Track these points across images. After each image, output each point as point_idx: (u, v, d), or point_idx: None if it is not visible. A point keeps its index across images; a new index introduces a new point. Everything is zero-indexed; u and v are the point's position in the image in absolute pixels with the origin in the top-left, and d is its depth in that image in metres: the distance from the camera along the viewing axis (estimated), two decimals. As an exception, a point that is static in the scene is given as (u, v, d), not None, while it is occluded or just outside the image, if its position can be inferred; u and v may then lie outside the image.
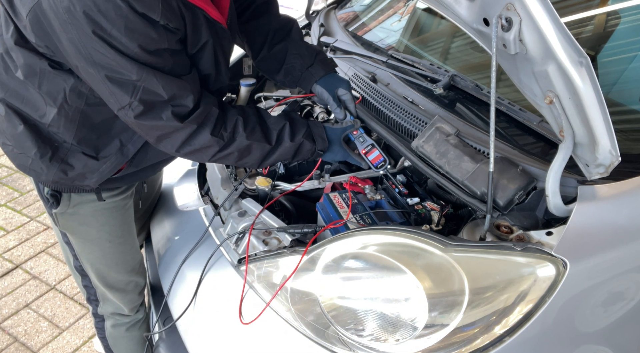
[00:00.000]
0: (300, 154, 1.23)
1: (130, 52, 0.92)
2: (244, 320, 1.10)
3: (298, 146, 1.20)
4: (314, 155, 1.26)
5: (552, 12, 0.79)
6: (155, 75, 0.96)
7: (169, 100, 1.00)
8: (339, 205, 1.28)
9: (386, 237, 1.05)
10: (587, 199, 0.99)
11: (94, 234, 1.34)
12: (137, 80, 0.94)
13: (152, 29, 0.92)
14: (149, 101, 0.99)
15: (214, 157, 1.14)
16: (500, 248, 0.97)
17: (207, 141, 1.09)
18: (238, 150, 1.14)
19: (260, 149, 1.17)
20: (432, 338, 0.92)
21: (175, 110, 1.02)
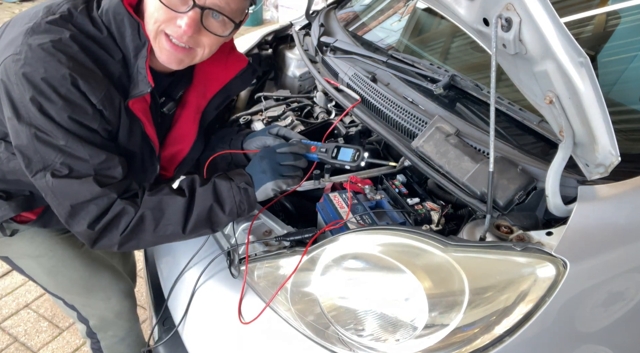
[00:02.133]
0: (223, 196, 1.08)
1: (61, 120, 0.93)
2: (243, 320, 1.10)
3: (213, 187, 1.08)
4: (242, 194, 1.10)
5: (552, 12, 0.79)
6: (82, 144, 0.95)
7: (93, 167, 0.97)
8: (339, 205, 1.28)
9: (386, 237, 1.05)
10: (587, 199, 0.99)
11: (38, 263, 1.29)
12: (63, 145, 0.94)
13: (88, 105, 0.95)
14: (72, 165, 0.96)
15: (125, 231, 1.00)
16: (500, 248, 0.97)
17: (120, 208, 1.00)
18: (150, 209, 1.02)
19: (172, 203, 1.04)
20: (432, 338, 0.92)
21: (98, 178, 0.98)
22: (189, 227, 1.05)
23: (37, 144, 0.94)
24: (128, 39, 1.00)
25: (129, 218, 1.00)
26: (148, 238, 1.04)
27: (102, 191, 0.97)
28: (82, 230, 0.99)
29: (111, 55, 1.00)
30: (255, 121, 1.79)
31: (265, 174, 1.11)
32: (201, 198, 1.06)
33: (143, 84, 1.03)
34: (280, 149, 1.16)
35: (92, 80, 0.95)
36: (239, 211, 1.09)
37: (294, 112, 1.82)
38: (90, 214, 0.98)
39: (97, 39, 0.99)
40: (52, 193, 0.97)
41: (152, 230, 1.02)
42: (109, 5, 0.99)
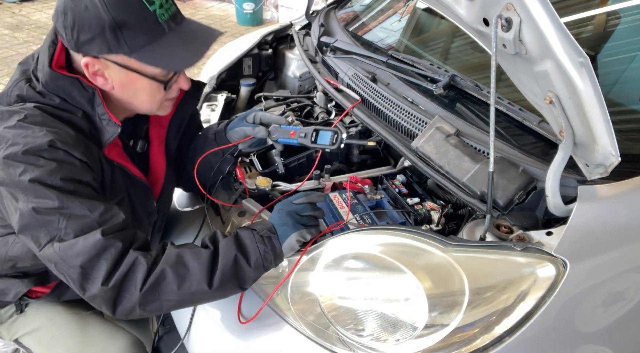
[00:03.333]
0: (247, 247, 1.02)
1: (53, 182, 0.94)
2: (242, 319, 1.10)
3: (235, 237, 1.03)
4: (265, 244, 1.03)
5: (552, 12, 0.79)
6: (79, 200, 0.95)
7: (96, 221, 0.95)
8: (339, 205, 1.28)
9: (386, 237, 1.05)
10: (587, 199, 0.99)
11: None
12: (61, 208, 0.93)
13: (74, 159, 0.97)
14: (76, 225, 0.94)
15: (144, 287, 0.93)
16: (500, 248, 0.97)
17: (133, 259, 0.94)
18: (170, 266, 0.96)
19: (195, 256, 0.98)
20: (432, 338, 0.92)
21: (105, 229, 0.95)
22: (215, 283, 0.97)
23: (38, 217, 0.94)
24: (77, 96, 1.03)
25: (145, 271, 0.94)
26: (172, 298, 0.96)
27: (106, 241, 0.93)
28: (97, 291, 0.93)
29: (73, 114, 1.03)
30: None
31: (288, 227, 1.06)
32: (224, 250, 1.01)
33: (110, 127, 1.05)
34: (297, 200, 1.11)
35: (68, 138, 0.98)
36: (264, 263, 1.02)
37: (294, 112, 1.82)
38: (101, 270, 0.93)
39: (54, 106, 1.02)
40: (62, 259, 0.93)
41: (175, 287, 0.95)
42: (45, 78, 1.01)
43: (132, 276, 0.94)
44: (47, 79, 1.01)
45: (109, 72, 1.02)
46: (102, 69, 1.01)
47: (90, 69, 1.00)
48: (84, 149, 0.99)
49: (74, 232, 0.94)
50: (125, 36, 0.95)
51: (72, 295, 1.27)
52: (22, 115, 0.97)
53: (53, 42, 1.03)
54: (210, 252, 1.00)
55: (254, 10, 6.36)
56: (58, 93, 1.03)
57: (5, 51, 5.29)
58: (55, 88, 1.02)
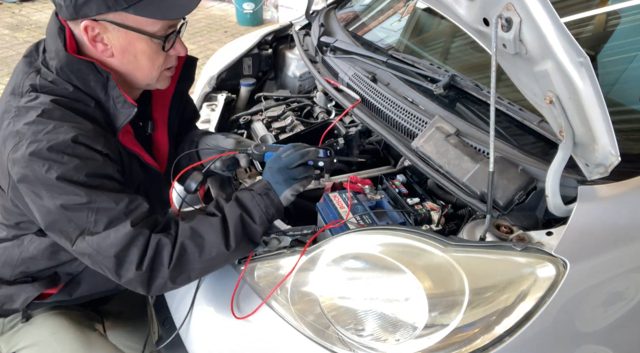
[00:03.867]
0: (248, 206, 1.09)
1: (79, 179, 0.97)
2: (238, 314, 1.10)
3: (236, 200, 1.11)
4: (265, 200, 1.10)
5: (552, 12, 0.79)
6: (105, 194, 0.99)
7: (123, 212, 1.00)
8: (339, 205, 1.28)
9: (386, 237, 1.05)
10: (587, 199, 0.99)
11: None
12: (88, 203, 0.97)
13: (96, 154, 1.00)
14: (104, 218, 0.98)
15: (171, 263, 1.01)
16: (500, 248, 0.97)
17: (157, 241, 1.01)
18: (188, 238, 1.03)
19: (207, 225, 1.06)
20: (432, 338, 0.92)
21: (131, 220, 1.00)
22: (231, 244, 1.05)
23: (67, 213, 0.97)
24: (92, 82, 1.04)
25: (170, 250, 1.01)
26: (197, 266, 1.04)
27: (135, 230, 0.99)
28: (132, 275, 1.00)
29: (87, 104, 1.05)
30: (255, 121, 1.80)
31: (280, 184, 1.13)
32: (230, 213, 1.07)
33: (125, 109, 1.07)
34: (285, 153, 1.17)
35: (88, 132, 1.00)
36: (268, 217, 1.10)
37: (294, 112, 1.83)
38: (134, 257, 0.99)
39: (68, 96, 1.03)
40: (96, 251, 0.99)
41: (197, 256, 1.03)
42: (61, 63, 1.02)
43: (159, 257, 1.01)
44: (63, 64, 1.02)
45: (108, 36, 1.02)
46: (101, 33, 1.01)
47: (90, 33, 1.01)
48: (104, 141, 1.02)
49: (104, 224, 0.99)
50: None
51: (83, 291, 1.27)
52: (39, 111, 0.98)
53: (60, 29, 1.04)
54: (219, 218, 1.07)
55: (254, 10, 6.36)
56: (71, 80, 1.03)
57: (5, 51, 5.29)
58: (70, 74, 1.03)
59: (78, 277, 1.24)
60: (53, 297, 1.25)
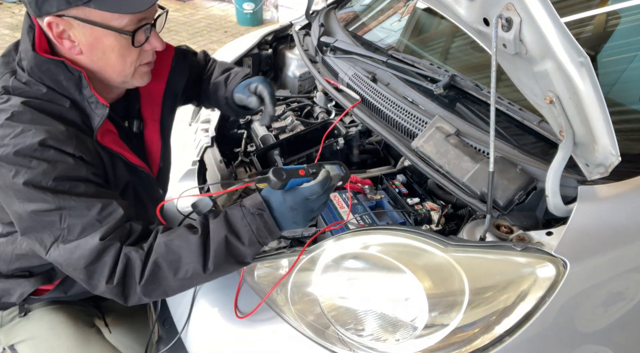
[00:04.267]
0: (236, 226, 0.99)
1: (47, 184, 0.93)
2: (240, 314, 1.10)
3: (225, 217, 1.00)
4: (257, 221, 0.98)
5: (552, 12, 0.79)
6: (75, 199, 0.95)
7: (96, 218, 0.95)
8: (339, 205, 1.28)
9: (386, 237, 1.05)
10: (587, 199, 0.99)
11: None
12: (59, 208, 0.93)
13: (67, 157, 0.95)
14: (76, 225, 0.95)
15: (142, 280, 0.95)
16: (500, 248, 0.97)
17: (127, 256, 0.96)
18: (161, 256, 0.96)
19: (184, 243, 0.97)
20: (432, 338, 0.92)
21: (103, 229, 0.95)
22: (210, 266, 0.97)
23: (39, 219, 0.94)
24: (64, 81, 1.01)
25: (140, 266, 0.96)
26: (172, 284, 0.98)
27: (105, 243, 0.94)
28: (103, 288, 0.96)
29: (61, 105, 1.01)
30: (255, 121, 1.80)
31: (297, 225, 1.01)
32: (215, 233, 0.98)
33: (99, 110, 1.03)
34: (311, 195, 0.99)
35: (59, 134, 0.96)
36: (259, 239, 0.99)
37: (294, 112, 1.82)
38: (104, 271, 0.95)
39: (42, 98, 1.00)
40: (67, 262, 0.96)
41: (172, 275, 0.97)
42: (30, 63, 0.99)
43: (130, 272, 0.96)
44: (32, 64, 0.98)
45: (74, 33, 0.97)
46: (67, 30, 0.97)
47: (55, 30, 0.96)
48: (76, 143, 0.97)
49: (77, 232, 0.95)
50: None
51: (79, 288, 1.26)
52: (8, 114, 0.95)
53: (30, 27, 1.01)
54: (198, 236, 0.98)
55: (254, 10, 6.36)
56: (44, 81, 1.00)
57: (5, 51, 5.28)
58: (41, 74, 0.99)
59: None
60: (49, 294, 1.25)
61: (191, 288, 1.06)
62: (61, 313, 1.28)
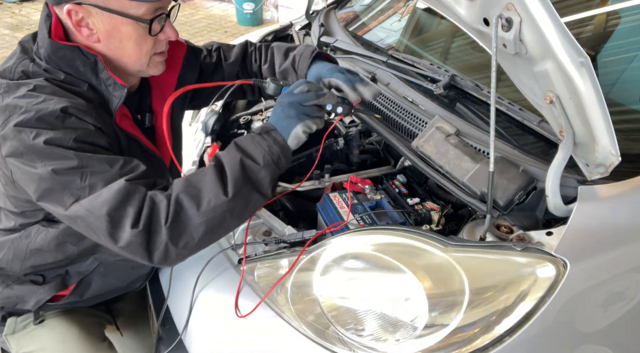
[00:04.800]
0: (248, 148, 1.00)
1: (69, 143, 0.93)
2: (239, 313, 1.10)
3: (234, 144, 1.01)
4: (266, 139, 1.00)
5: (552, 12, 0.79)
6: (96, 158, 0.94)
7: (118, 173, 0.95)
8: (339, 205, 1.28)
9: (386, 237, 1.05)
10: (587, 199, 0.99)
11: None
12: (80, 166, 0.93)
13: (88, 125, 0.97)
14: (97, 180, 0.93)
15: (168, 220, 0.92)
16: (500, 248, 0.97)
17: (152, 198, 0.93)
18: (181, 191, 0.94)
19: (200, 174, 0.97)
20: (432, 338, 0.92)
21: (128, 177, 0.94)
22: (230, 190, 0.94)
23: (60, 178, 0.93)
24: (81, 66, 1.02)
25: (165, 204, 0.92)
26: (196, 221, 0.93)
27: (130, 186, 0.92)
28: (128, 235, 0.91)
29: (79, 87, 1.03)
30: (255, 121, 1.80)
31: (292, 119, 1.02)
32: (228, 158, 0.98)
33: (116, 90, 1.04)
34: (298, 89, 1.06)
35: (80, 105, 0.97)
36: (273, 157, 0.99)
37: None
38: (129, 215, 0.91)
39: (60, 81, 1.01)
40: (88, 211, 0.92)
41: (195, 210, 0.93)
42: (47, 51, 1.01)
43: (156, 214, 0.92)
44: (49, 51, 1.00)
45: (92, 21, 0.99)
46: (85, 18, 0.99)
47: (74, 17, 0.98)
48: (96, 116, 0.99)
49: (98, 188, 0.93)
50: None
51: (94, 291, 1.27)
52: (30, 86, 0.97)
53: (48, 16, 1.03)
54: (213, 166, 0.98)
55: (254, 10, 6.36)
56: (62, 67, 1.02)
57: (5, 51, 5.29)
58: (58, 61, 1.01)
59: (88, 277, 1.24)
60: (65, 299, 1.25)
61: (218, 232, 1.00)
62: (73, 324, 1.28)
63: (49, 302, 1.23)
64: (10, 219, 1.17)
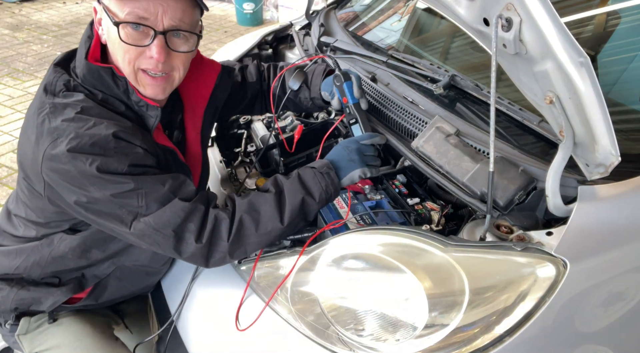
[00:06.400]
0: (309, 185, 1.11)
1: (123, 169, 0.99)
2: (240, 326, 1.10)
3: (298, 177, 1.11)
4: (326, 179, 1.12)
5: (552, 12, 0.79)
6: (150, 178, 1.01)
7: (171, 191, 1.02)
8: (339, 205, 1.28)
9: (386, 237, 1.05)
10: (587, 199, 0.99)
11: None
12: (137, 188, 0.99)
13: (137, 148, 1.02)
14: (154, 199, 1.01)
15: (230, 237, 1.03)
16: (500, 248, 0.97)
17: (215, 215, 1.04)
18: (245, 213, 1.06)
19: (263, 200, 1.07)
20: (432, 338, 0.92)
21: (181, 196, 1.03)
22: (286, 219, 1.07)
23: (117, 200, 0.99)
24: (114, 88, 1.05)
25: (228, 224, 1.04)
26: (253, 240, 1.06)
27: (191, 205, 1.01)
28: (192, 249, 1.02)
29: (118, 108, 1.07)
30: (255, 121, 1.79)
31: (354, 163, 1.17)
32: (290, 191, 1.09)
33: (151, 112, 1.08)
34: (364, 140, 1.23)
35: (127, 128, 1.02)
36: (326, 196, 1.12)
37: (294, 113, 1.82)
38: (192, 231, 1.02)
39: (100, 100, 1.05)
40: (154, 229, 1.00)
41: (254, 230, 1.05)
42: (83, 71, 1.04)
43: (218, 230, 1.04)
44: (85, 71, 1.04)
45: (103, 22, 1.04)
46: (100, 16, 1.04)
47: (97, 16, 1.04)
48: (142, 137, 1.03)
49: (155, 206, 1.00)
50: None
51: (109, 295, 1.28)
52: (78, 108, 1.00)
53: (89, 38, 1.07)
54: (273, 194, 1.09)
55: (254, 10, 6.36)
56: (97, 86, 1.06)
57: (5, 51, 5.29)
58: (93, 81, 1.05)
59: (104, 281, 1.25)
60: (81, 302, 1.27)
61: (265, 247, 1.13)
62: (88, 323, 1.30)
63: (64, 304, 1.24)
64: (30, 229, 1.19)
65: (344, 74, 1.32)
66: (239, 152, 1.70)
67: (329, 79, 1.38)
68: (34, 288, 1.22)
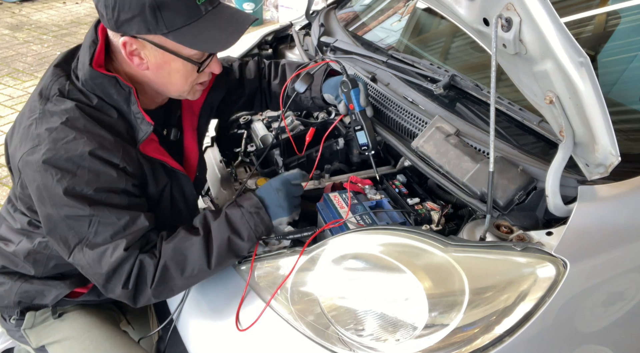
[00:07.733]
0: (237, 225, 1.10)
1: (87, 193, 1.00)
2: (241, 326, 1.10)
3: (226, 218, 1.10)
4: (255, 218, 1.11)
5: (552, 12, 0.79)
6: (108, 209, 1.01)
7: (122, 227, 1.02)
8: (339, 205, 1.28)
9: (386, 237, 1.05)
10: (587, 199, 0.99)
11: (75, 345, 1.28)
12: (92, 215, 1.00)
13: (112, 169, 1.02)
14: (103, 231, 1.01)
15: (153, 283, 1.04)
16: (500, 248, 0.97)
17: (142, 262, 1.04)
18: (169, 259, 1.05)
19: (190, 245, 1.06)
20: (432, 338, 0.92)
21: (127, 238, 1.03)
22: (213, 263, 1.07)
23: (69, 222, 1.00)
24: (115, 95, 1.06)
25: (152, 269, 1.04)
26: (179, 284, 1.07)
27: (128, 253, 1.02)
28: (119, 292, 1.04)
29: (109, 115, 1.07)
30: (255, 121, 1.79)
31: (283, 209, 1.15)
32: (217, 233, 1.09)
33: (144, 126, 1.08)
34: (296, 181, 1.20)
35: (107, 144, 1.01)
36: (256, 235, 1.12)
37: (294, 112, 1.82)
38: (120, 278, 1.03)
39: (92, 106, 1.06)
40: (89, 265, 1.02)
41: (179, 275, 1.06)
42: (85, 76, 1.04)
43: (142, 277, 1.04)
44: (87, 77, 1.04)
45: (145, 53, 1.03)
46: (139, 49, 1.03)
47: (128, 48, 1.02)
48: (122, 154, 1.03)
49: (103, 237, 1.02)
50: (164, 16, 0.96)
51: None
52: (64, 118, 1.00)
53: (93, 42, 1.06)
54: (201, 237, 1.07)
55: (254, 10, 6.35)
56: (96, 92, 1.06)
57: (5, 51, 5.29)
58: (94, 86, 1.05)
59: None
60: (83, 297, 1.28)
61: (194, 284, 1.14)
62: (94, 316, 1.32)
63: (66, 298, 1.26)
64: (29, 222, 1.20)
65: (351, 81, 1.32)
66: (239, 152, 1.70)
67: (332, 81, 1.39)
68: (37, 281, 1.23)
